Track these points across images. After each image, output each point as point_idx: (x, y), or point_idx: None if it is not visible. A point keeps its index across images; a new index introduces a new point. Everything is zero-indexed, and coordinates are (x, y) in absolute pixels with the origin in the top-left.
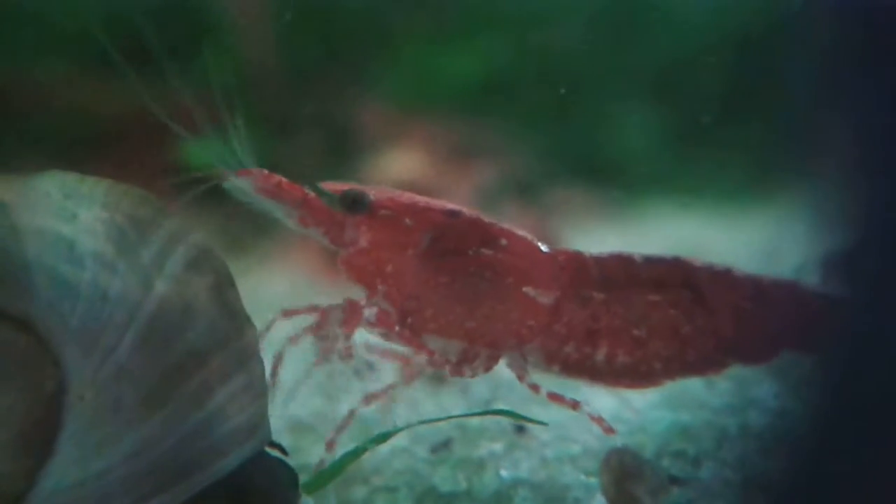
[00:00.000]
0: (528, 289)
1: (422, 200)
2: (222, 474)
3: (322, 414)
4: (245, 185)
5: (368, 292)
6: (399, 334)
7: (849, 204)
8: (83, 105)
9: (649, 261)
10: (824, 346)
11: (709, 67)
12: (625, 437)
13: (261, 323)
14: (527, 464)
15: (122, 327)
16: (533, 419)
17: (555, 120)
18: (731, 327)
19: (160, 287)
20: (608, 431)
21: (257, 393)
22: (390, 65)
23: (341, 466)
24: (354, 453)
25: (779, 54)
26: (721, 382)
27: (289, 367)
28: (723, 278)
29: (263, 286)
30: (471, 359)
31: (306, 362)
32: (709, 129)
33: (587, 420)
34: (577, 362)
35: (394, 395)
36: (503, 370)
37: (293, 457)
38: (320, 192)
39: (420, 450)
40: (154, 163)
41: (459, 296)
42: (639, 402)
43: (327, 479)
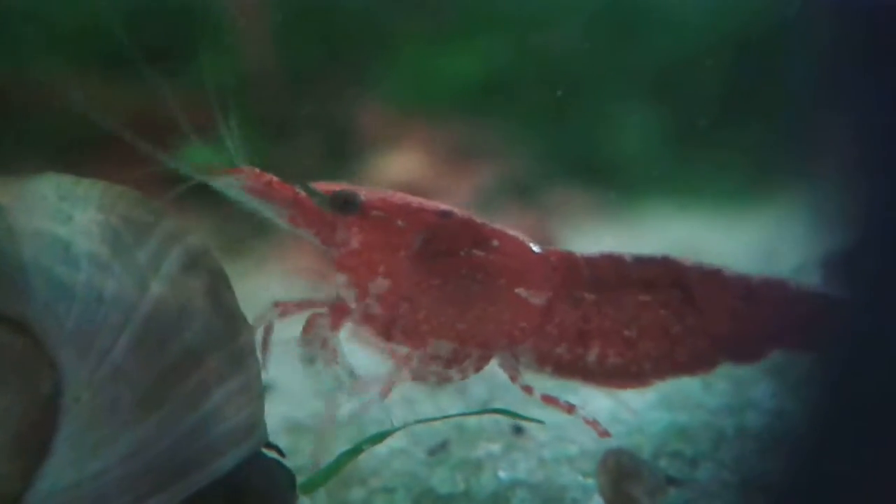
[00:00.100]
0: (520, 290)
1: (414, 201)
2: (219, 475)
3: (319, 415)
4: (235, 183)
5: (359, 293)
6: (389, 336)
7: (848, 204)
8: (81, 106)
9: (639, 261)
10: (817, 345)
11: (708, 68)
12: (622, 437)
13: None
14: (524, 465)
15: (117, 329)
16: (529, 417)
17: (554, 121)
18: (722, 326)
19: (156, 288)
20: (603, 435)
21: (254, 394)
22: (389, 65)
23: (338, 466)
24: (351, 453)
25: (778, 55)
26: (718, 383)
27: (289, 368)
28: (713, 278)
29: (260, 288)
30: (461, 359)
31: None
32: (708, 129)
33: (585, 424)
34: (569, 363)
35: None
36: (501, 373)
37: (290, 458)
38: (311, 193)
39: (418, 451)
40: (150, 164)
41: (451, 296)
42: (636, 403)
43: (324, 479)
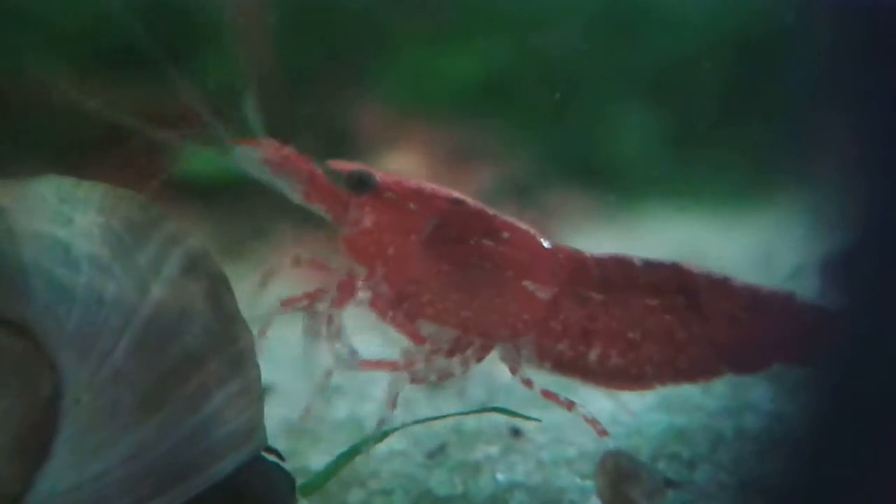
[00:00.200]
0: (527, 282)
1: (428, 187)
2: (219, 478)
3: (318, 417)
4: (253, 155)
5: (368, 273)
6: (392, 318)
7: (848, 205)
8: (81, 107)
9: (648, 265)
10: (819, 359)
11: (707, 69)
12: (621, 439)
13: (256, 327)
14: (523, 467)
15: (118, 331)
16: (527, 416)
17: (553, 122)
18: (726, 336)
19: (156, 291)
20: (602, 434)
21: (253, 397)
22: (389, 66)
23: (337, 468)
24: (349, 454)
25: (777, 56)
26: (717, 386)
27: (288, 368)
28: (720, 286)
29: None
30: (464, 347)
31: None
32: (707, 130)
33: (583, 422)
34: (569, 360)
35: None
36: (500, 374)
37: (289, 460)
38: (327, 169)
39: (416, 453)
40: (152, 165)
41: (457, 284)
42: (635, 405)
43: (323, 481)
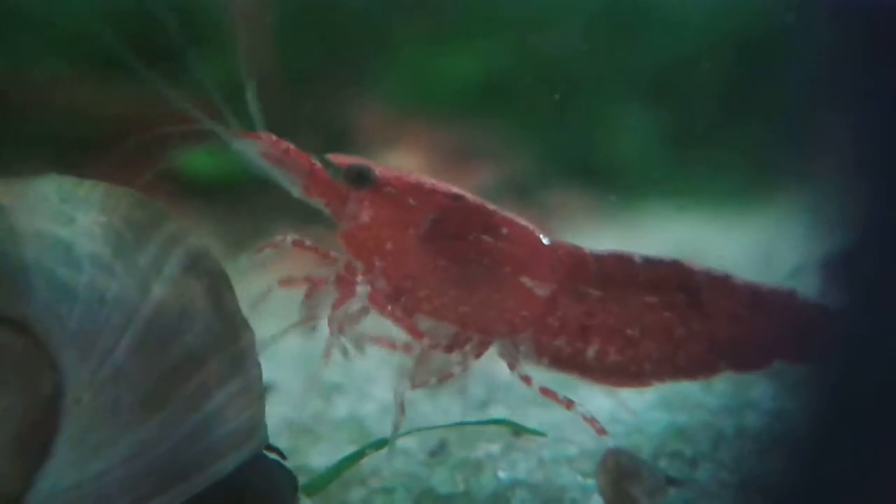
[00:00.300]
0: (525, 279)
1: (427, 182)
2: (220, 476)
3: (320, 415)
4: (252, 148)
5: (366, 268)
6: (391, 313)
7: (848, 204)
8: (81, 106)
9: (648, 262)
10: (820, 357)
11: (706, 69)
12: (622, 437)
13: (258, 327)
14: (524, 465)
15: (119, 330)
16: (532, 430)
17: (553, 122)
18: (726, 333)
19: (157, 290)
20: (601, 433)
21: (254, 396)
22: (389, 66)
23: (339, 470)
24: (353, 457)
25: (777, 55)
26: (718, 384)
27: (288, 368)
28: (721, 284)
29: (261, 288)
30: (462, 343)
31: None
32: (707, 130)
33: (582, 421)
34: (567, 357)
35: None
36: (500, 373)
37: (291, 458)
38: (326, 163)
39: (418, 451)
40: (153, 164)
41: (456, 279)
42: (636, 403)
43: (326, 481)
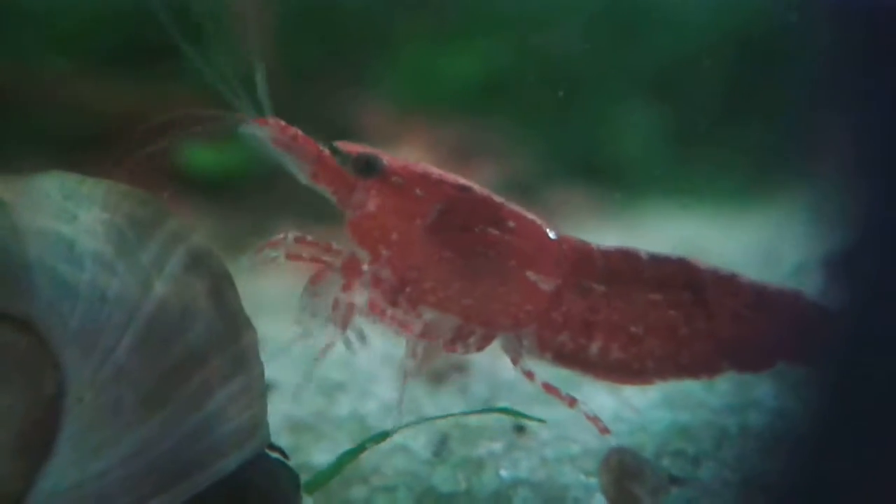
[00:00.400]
0: (530, 273)
1: (435, 172)
2: (222, 475)
3: (322, 413)
4: (261, 133)
5: (371, 257)
6: (395, 302)
7: (849, 204)
8: (85, 103)
9: (654, 259)
10: (822, 357)
11: (708, 68)
12: (625, 436)
13: (260, 326)
14: (526, 463)
15: (121, 328)
16: (532, 416)
17: (554, 121)
18: (730, 333)
19: (159, 288)
20: (604, 431)
21: (256, 394)
22: (390, 65)
23: (340, 465)
24: (353, 452)
25: (779, 55)
26: (721, 383)
27: (289, 368)
28: (726, 283)
29: (263, 287)
30: (465, 336)
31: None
32: (708, 129)
33: (586, 419)
34: (570, 352)
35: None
36: (503, 371)
37: (292, 456)
38: (335, 151)
39: (419, 450)
40: (156, 162)
41: (461, 271)
42: (639, 402)
43: (327, 478)
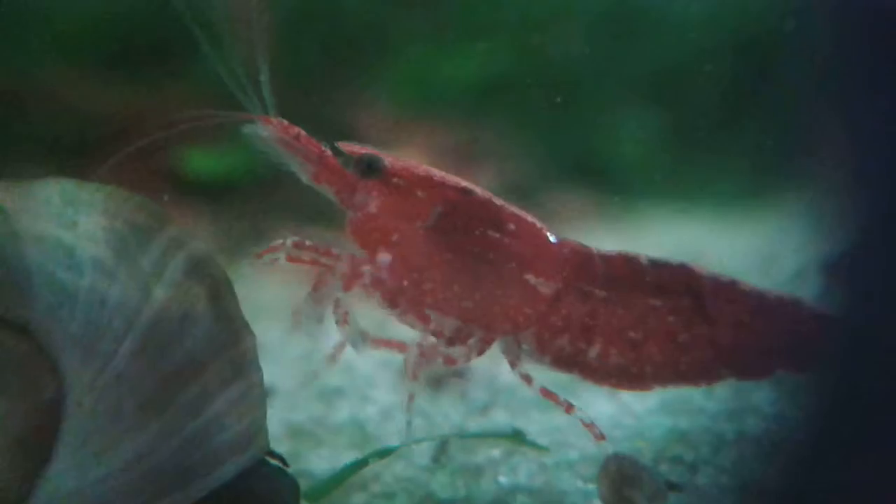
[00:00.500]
0: (530, 276)
1: (437, 174)
2: (222, 482)
3: (321, 419)
4: (265, 133)
5: (370, 257)
6: (396, 304)
7: (848, 209)
8: (85, 108)
9: (655, 264)
10: (821, 364)
11: (707, 71)
12: (623, 442)
13: (259, 331)
14: (525, 470)
15: (120, 334)
16: (534, 444)
17: (553, 124)
18: (729, 340)
19: (159, 294)
20: (599, 438)
21: (255, 401)
22: (391, 67)
23: (343, 477)
24: (355, 465)
25: (778, 58)
26: (718, 389)
27: (289, 372)
28: (727, 290)
29: (262, 292)
30: (464, 338)
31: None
32: (708, 133)
33: (582, 425)
34: (569, 356)
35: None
36: (502, 376)
37: (292, 462)
38: (337, 152)
39: (419, 457)
40: (156, 166)
41: (460, 274)
42: (637, 408)
43: (328, 489)
